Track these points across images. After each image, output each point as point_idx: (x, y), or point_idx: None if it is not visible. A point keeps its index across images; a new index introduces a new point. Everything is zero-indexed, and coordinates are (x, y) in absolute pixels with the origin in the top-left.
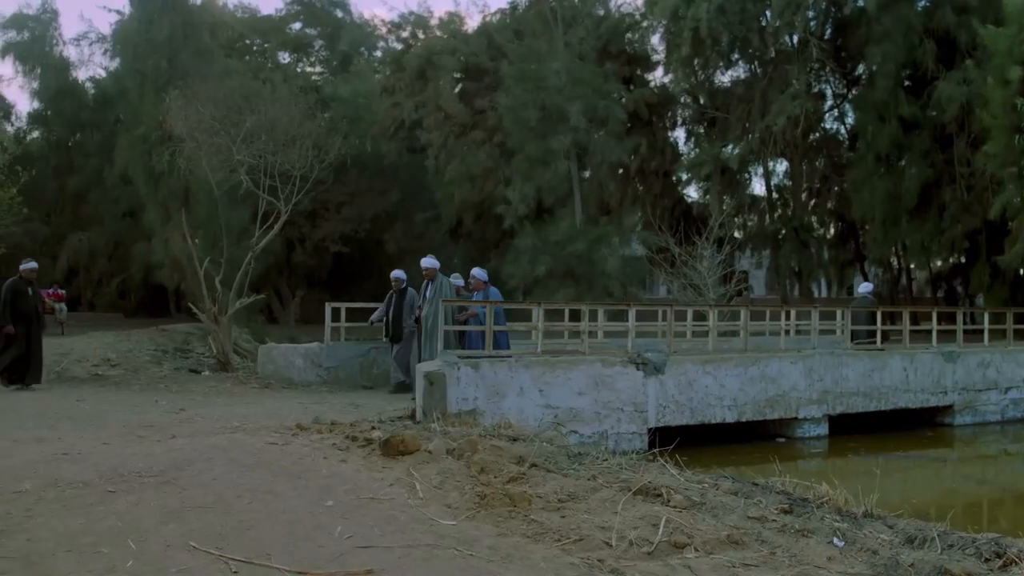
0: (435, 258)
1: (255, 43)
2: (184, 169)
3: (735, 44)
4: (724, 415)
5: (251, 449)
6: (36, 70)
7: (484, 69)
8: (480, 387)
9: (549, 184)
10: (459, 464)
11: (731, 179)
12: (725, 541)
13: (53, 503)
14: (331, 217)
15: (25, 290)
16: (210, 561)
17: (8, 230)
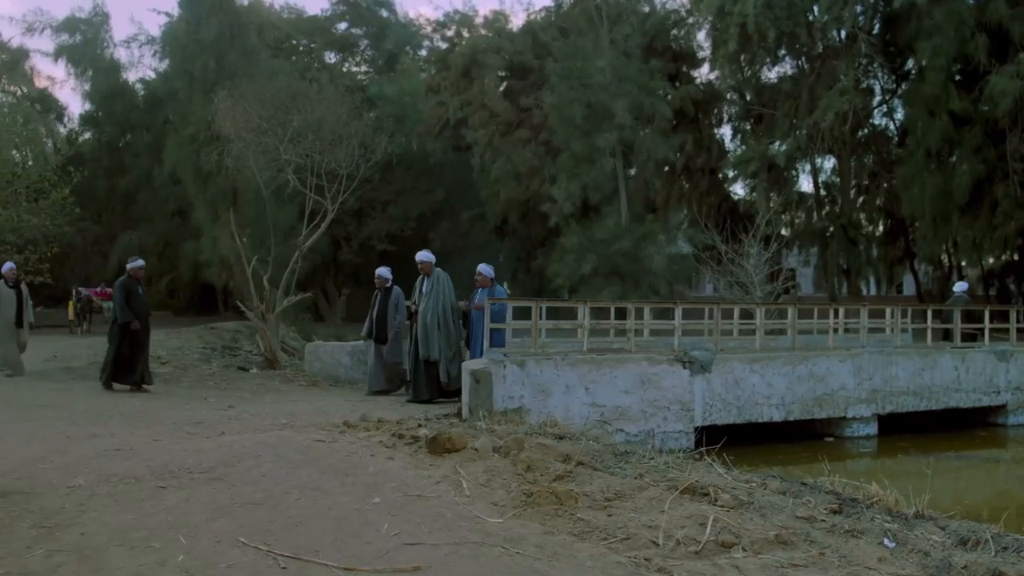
0: (431, 252)
1: (301, 43)
2: (232, 169)
3: (782, 39)
4: (771, 414)
5: (299, 446)
6: (88, 72)
7: (529, 67)
8: (526, 385)
9: (595, 182)
10: (505, 462)
11: (778, 176)
12: (773, 541)
13: (106, 498)
14: (377, 216)
15: (136, 289)
16: (259, 556)
17: (61, 230)
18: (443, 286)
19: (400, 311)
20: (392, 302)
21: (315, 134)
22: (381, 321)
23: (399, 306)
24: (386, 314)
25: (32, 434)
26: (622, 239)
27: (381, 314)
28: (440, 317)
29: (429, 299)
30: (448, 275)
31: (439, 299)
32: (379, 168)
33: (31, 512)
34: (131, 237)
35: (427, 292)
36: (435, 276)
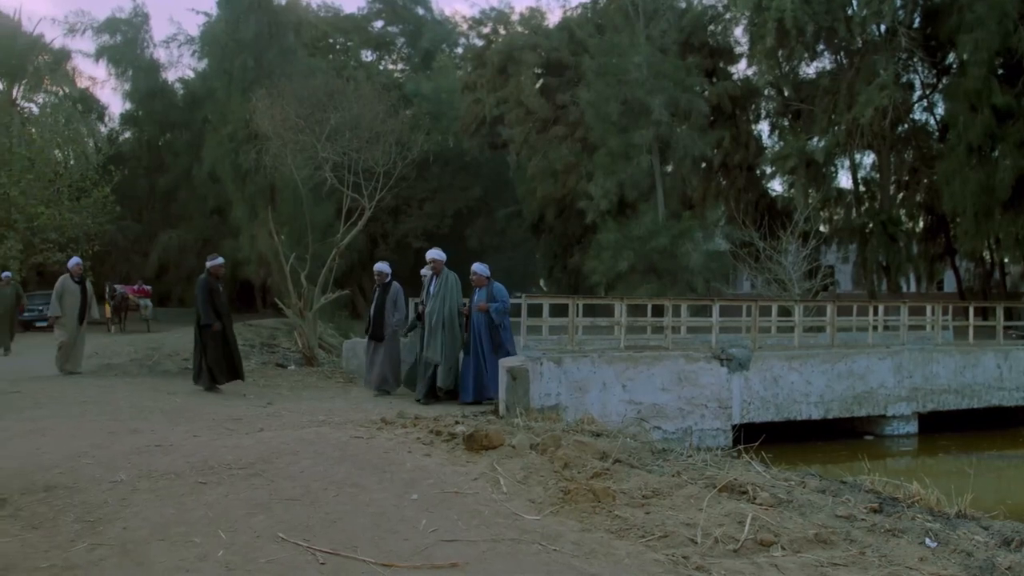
0: (441, 250)
1: (338, 41)
2: (270, 167)
3: (820, 35)
4: (810, 412)
5: (337, 443)
6: (128, 72)
7: (565, 64)
8: (563, 382)
9: (631, 179)
10: (543, 459)
11: (816, 172)
12: (813, 540)
13: (147, 493)
14: (414, 213)
15: (217, 287)
16: (298, 552)
17: (102, 228)
18: (451, 288)
19: (399, 308)
20: (390, 298)
21: (352, 132)
22: (378, 318)
23: (397, 303)
24: (384, 311)
25: (75, 430)
26: (659, 236)
27: (379, 311)
28: (445, 319)
29: (436, 300)
30: (457, 276)
31: (446, 302)
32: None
33: (74, 506)
34: (171, 235)
35: (435, 293)
36: (444, 276)
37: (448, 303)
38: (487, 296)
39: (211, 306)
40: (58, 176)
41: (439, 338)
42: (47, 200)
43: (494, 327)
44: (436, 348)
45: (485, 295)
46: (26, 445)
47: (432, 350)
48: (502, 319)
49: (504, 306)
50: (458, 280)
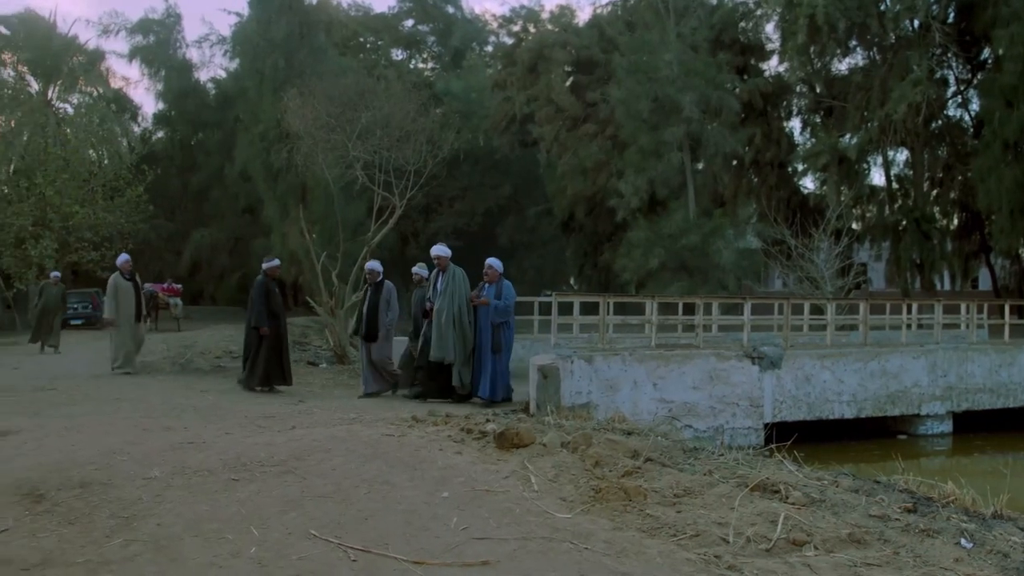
0: (446, 246)
1: (368, 41)
2: (301, 166)
3: (853, 30)
4: (843, 411)
5: (368, 440)
6: (161, 72)
7: (596, 62)
8: (594, 381)
9: (662, 176)
10: (574, 457)
11: (849, 169)
12: (846, 540)
13: (180, 490)
14: (444, 211)
15: (273, 288)
16: (329, 549)
17: (136, 227)
18: (459, 284)
19: (392, 307)
20: (383, 297)
21: (383, 131)
22: (372, 318)
23: (391, 302)
24: (377, 310)
25: (109, 427)
26: (690, 234)
27: (372, 310)
28: (455, 317)
29: (444, 298)
30: (464, 272)
31: (454, 298)
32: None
33: (109, 502)
34: (203, 234)
35: (442, 290)
36: (451, 273)
37: (457, 300)
38: (495, 294)
39: (266, 308)
40: (92, 176)
41: (449, 336)
42: (82, 199)
43: (497, 326)
44: (448, 347)
45: (494, 292)
46: (62, 442)
47: (442, 348)
48: (504, 319)
49: (506, 305)
50: (466, 276)
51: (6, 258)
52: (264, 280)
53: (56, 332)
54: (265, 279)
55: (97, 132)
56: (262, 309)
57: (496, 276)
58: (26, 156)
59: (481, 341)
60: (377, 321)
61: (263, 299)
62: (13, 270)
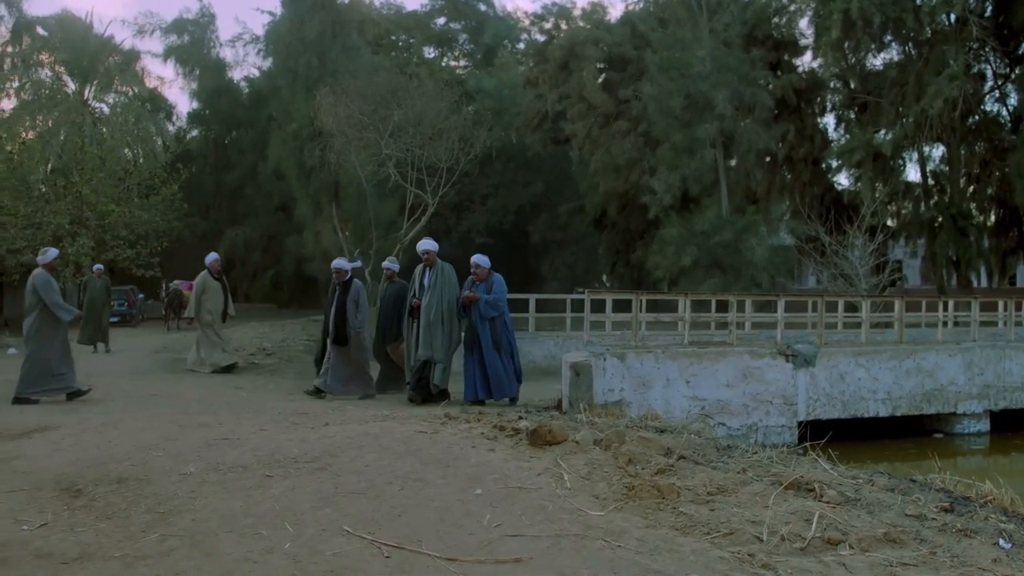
0: (434, 240)
1: (400, 39)
2: (334, 163)
3: (888, 25)
4: (877, 409)
5: (401, 437)
6: (195, 72)
7: (628, 58)
8: (626, 378)
9: (695, 173)
10: (606, 455)
11: (884, 165)
12: (882, 539)
13: (215, 485)
14: (476, 209)
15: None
16: (363, 546)
17: (171, 225)
18: (447, 280)
19: (361, 308)
20: (351, 298)
21: (415, 128)
22: (340, 320)
23: (359, 302)
24: (345, 311)
25: (146, 423)
26: (723, 231)
27: (340, 311)
28: (444, 314)
29: (433, 294)
30: (453, 268)
31: (443, 295)
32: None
33: (145, 498)
34: (237, 232)
35: (430, 286)
36: (438, 268)
37: (446, 297)
38: (487, 291)
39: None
40: (128, 174)
41: (438, 334)
42: (117, 198)
43: (492, 321)
44: (433, 345)
45: (484, 290)
46: (99, 438)
47: (427, 347)
48: (496, 313)
49: (495, 299)
50: (454, 272)
51: None
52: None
53: (105, 330)
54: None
55: (132, 131)
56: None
57: (485, 274)
58: (63, 155)
59: (480, 339)
60: (346, 323)
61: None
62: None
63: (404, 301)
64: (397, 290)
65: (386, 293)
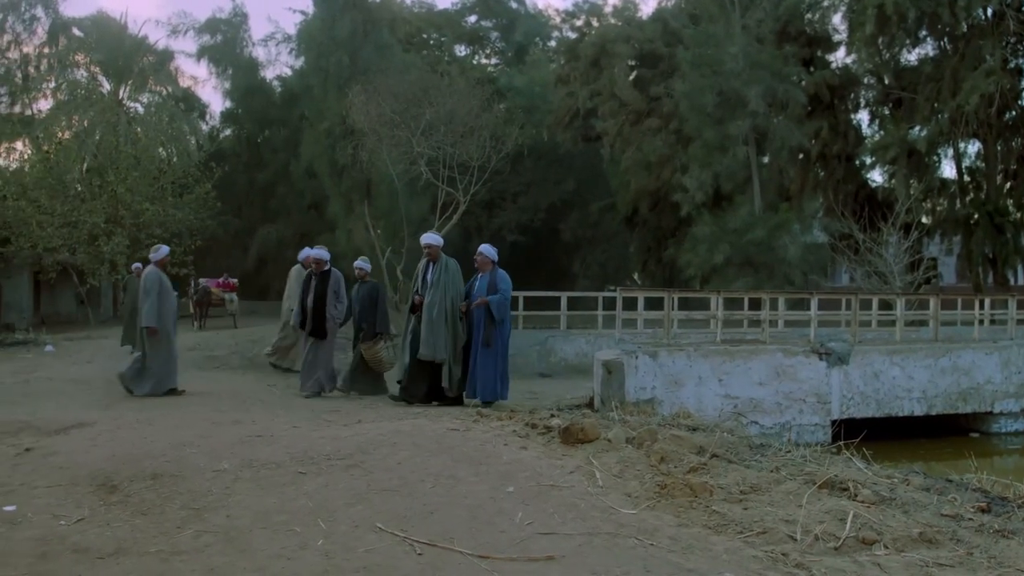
0: (438, 233)
1: (432, 37)
2: (366, 162)
3: (923, 20)
4: (912, 408)
5: (433, 434)
6: (228, 71)
7: (659, 55)
8: (658, 376)
9: (727, 170)
10: (639, 453)
11: (919, 162)
12: (917, 539)
13: (249, 482)
14: (507, 207)
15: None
16: (396, 543)
17: (204, 223)
18: (452, 276)
19: (341, 299)
20: (331, 288)
21: (447, 126)
22: (319, 311)
23: (339, 293)
24: (324, 302)
25: (180, 420)
26: (755, 228)
27: (318, 302)
28: (448, 312)
29: (436, 291)
30: (458, 263)
31: (447, 291)
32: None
33: (180, 494)
34: (269, 230)
35: (433, 282)
36: (442, 263)
37: (450, 294)
38: (489, 282)
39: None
40: (162, 173)
41: (441, 333)
42: (152, 196)
43: (490, 319)
44: (436, 344)
45: (488, 281)
46: (134, 434)
47: (429, 346)
48: (503, 314)
49: (504, 298)
50: (459, 267)
51: (80, 255)
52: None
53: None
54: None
55: (166, 130)
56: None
57: (489, 264)
58: (99, 155)
59: (477, 338)
60: (324, 314)
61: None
62: (86, 266)
63: (377, 300)
64: (370, 290)
65: (359, 293)
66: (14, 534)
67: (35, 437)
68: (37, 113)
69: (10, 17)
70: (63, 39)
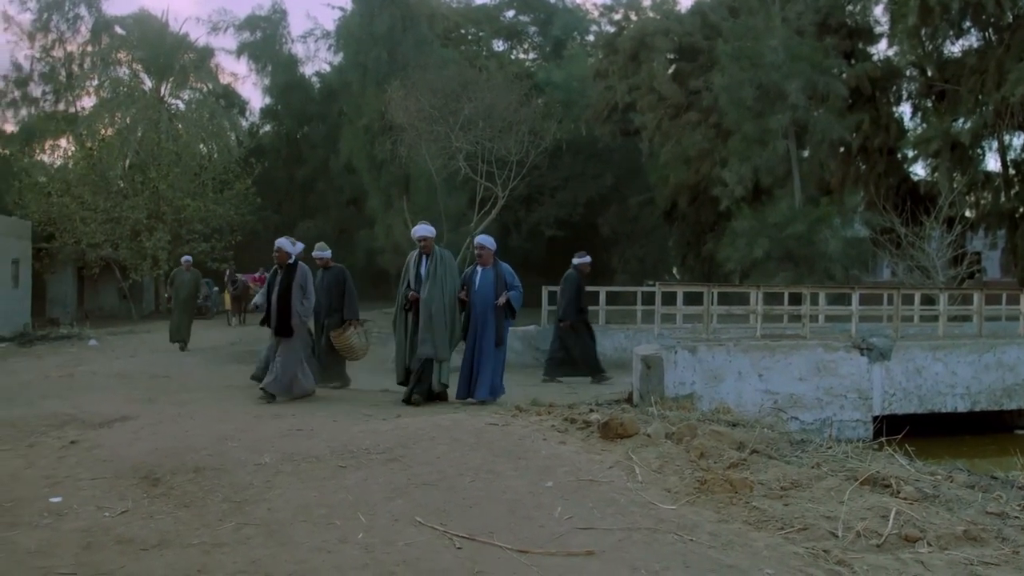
0: (431, 225)
1: (470, 32)
2: (405, 157)
3: (966, 11)
4: (955, 404)
5: (472, 429)
6: (267, 67)
7: (698, 49)
8: (698, 371)
9: (767, 164)
10: (678, 448)
11: (962, 155)
12: (961, 537)
13: (290, 476)
14: (546, 201)
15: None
16: (435, 536)
17: (244, 219)
18: (448, 269)
19: (308, 294)
20: (297, 282)
21: (485, 121)
22: (284, 307)
23: (306, 288)
24: (290, 296)
25: (221, 414)
26: (795, 222)
27: (283, 297)
28: (446, 308)
29: (434, 286)
30: (452, 255)
31: (445, 286)
32: (548, 154)
33: (222, 487)
34: (309, 225)
35: (428, 276)
36: (437, 256)
37: (448, 288)
38: (494, 277)
39: (578, 303)
40: (203, 169)
41: (440, 330)
42: (193, 192)
43: (498, 315)
44: (436, 342)
45: (492, 276)
46: (176, 428)
47: (429, 345)
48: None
49: (520, 293)
50: (454, 260)
51: (123, 250)
52: (578, 276)
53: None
54: (577, 274)
55: (207, 127)
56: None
57: (490, 257)
58: (141, 151)
59: (483, 335)
60: (290, 310)
61: (576, 294)
62: (129, 262)
63: (345, 286)
64: (336, 275)
65: (324, 281)
66: (61, 525)
67: (80, 430)
68: (81, 110)
69: (55, 16)
70: (106, 37)
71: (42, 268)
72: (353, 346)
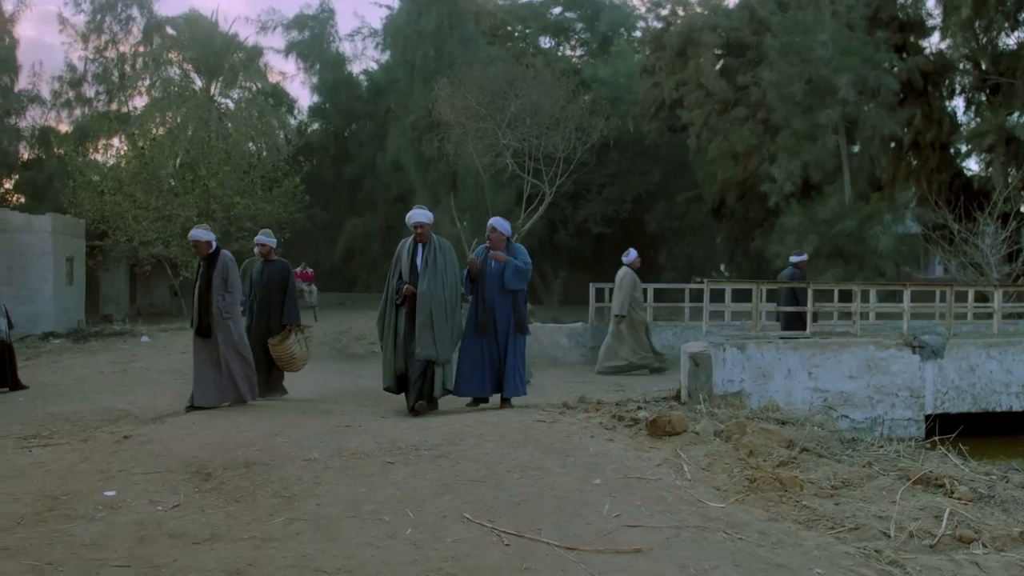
0: (428, 210)
1: (516, 29)
2: (452, 154)
3: (1022, 2)
4: (1011, 403)
5: (520, 426)
6: (315, 66)
7: (746, 44)
8: (746, 369)
9: (816, 160)
10: (727, 446)
11: (1017, 149)
12: (1018, 538)
13: (338, 471)
14: (593, 198)
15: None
16: (483, 533)
17: (293, 216)
18: (447, 259)
19: (232, 287)
20: (218, 274)
21: (532, 118)
22: (204, 304)
23: (228, 279)
24: (210, 293)
25: (270, 409)
26: (845, 219)
27: (203, 292)
28: (446, 303)
29: (433, 278)
30: (451, 245)
31: (445, 279)
32: (595, 151)
33: (272, 482)
34: (356, 223)
35: (425, 267)
36: (434, 245)
37: (448, 281)
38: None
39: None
40: (252, 167)
41: (441, 328)
42: (242, 190)
43: (515, 296)
44: (437, 342)
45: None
46: (227, 423)
47: (429, 345)
48: (522, 284)
49: (527, 266)
50: (452, 249)
51: (174, 247)
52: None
53: None
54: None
55: (256, 126)
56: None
57: (503, 241)
58: (191, 150)
59: (497, 320)
60: (209, 308)
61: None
62: (180, 259)
63: (287, 285)
64: (278, 271)
65: (263, 275)
66: (115, 518)
67: (133, 425)
68: (132, 110)
69: (107, 18)
70: (157, 38)
71: (95, 266)
72: (293, 357)
